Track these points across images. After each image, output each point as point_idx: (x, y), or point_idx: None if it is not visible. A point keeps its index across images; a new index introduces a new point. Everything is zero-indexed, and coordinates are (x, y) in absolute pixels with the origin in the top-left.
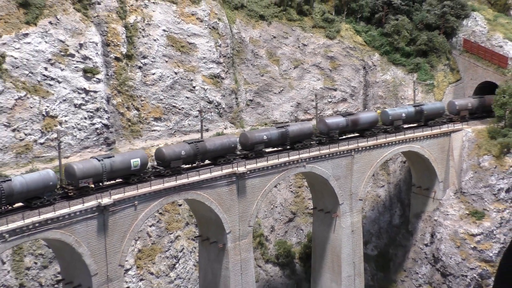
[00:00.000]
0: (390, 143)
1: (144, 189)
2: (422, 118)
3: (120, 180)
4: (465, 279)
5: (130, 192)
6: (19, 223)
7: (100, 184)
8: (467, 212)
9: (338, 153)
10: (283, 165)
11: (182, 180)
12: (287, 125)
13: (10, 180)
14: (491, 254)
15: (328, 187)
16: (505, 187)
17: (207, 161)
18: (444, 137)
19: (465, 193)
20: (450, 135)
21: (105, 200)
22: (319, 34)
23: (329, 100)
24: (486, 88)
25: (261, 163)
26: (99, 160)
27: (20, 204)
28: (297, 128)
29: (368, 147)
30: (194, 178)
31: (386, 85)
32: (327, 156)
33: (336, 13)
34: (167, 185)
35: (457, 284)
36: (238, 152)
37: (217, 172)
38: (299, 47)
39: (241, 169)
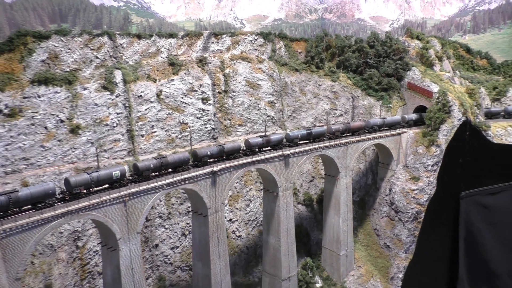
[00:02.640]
0: (367, 139)
1: (235, 162)
2: (311, 137)
3: (106, 185)
4: (408, 213)
5: (228, 164)
6: (171, 180)
7: (90, 189)
8: (410, 177)
9: (339, 144)
10: (309, 150)
11: (255, 158)
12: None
13: (18, 191)
14: (422, 201)
15: (333, 163)
16: (431, 163)
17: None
18: (397, 136)
19: (409, 167)
20: (400, 135)
21: (215, 168)
22: (328, 79)
23: (333, 115)
24: (420, 109)
25: (298, 149)
26: (88, 174)
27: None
28: (230, 146)
29: (355, 141)
30: (261, 156)
31: (364, 107)
32: (333, 145)
33: (337, 67)
34: (249, 160)
35: (404, 217)
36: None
37: (275, 153)
38: (316, 86)
39: (286, 152)
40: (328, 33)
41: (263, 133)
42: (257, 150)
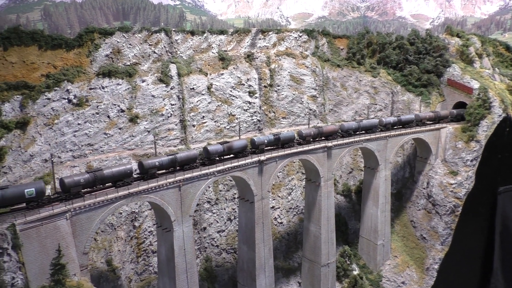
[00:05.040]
0: (407, 133)
1: (280, 153)
2: (280, 143)
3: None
4: (446, 207)
5: (275, 154)
6: (221, 167)
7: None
8: (448, 171)
9: (380, 138)
10: (351, 143)
11: (299, 149)
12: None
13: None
14: (460, 195)
15: (373, 155)
16: (470, 158)
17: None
18: (436, 130)
19: (447, 161)
20: (440, 130)
21: (262, 158)
22: (368, 74)
23: (373, 110)
24: (460, 105)
25: (340, 141)
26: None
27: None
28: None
29: (396, 135)
30: (304, 148)
31: (404, 102)
32: (374, 139)
33: (377, 63)
34: (293, 150)
35: (441, 210)
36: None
37: (318, 145)
38: (357, 81)
39: (329, 143)
40: (370, 31)
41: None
42: (307, 140)
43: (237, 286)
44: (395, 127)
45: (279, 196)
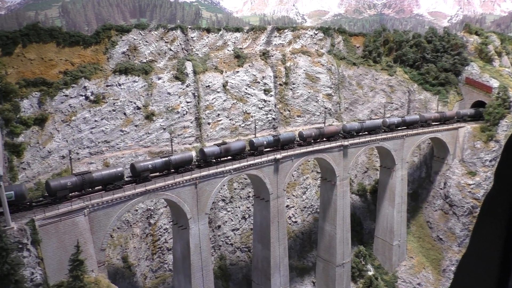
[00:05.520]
0: (424, 133)
1: (296, 151)
2: (279, 144)
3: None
4: (463, 208)
5: (290, 152)
6: (237, 165)
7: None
8: (466, 172)
9: (396, 137)
10: (367, 142)
11: (315, 147)
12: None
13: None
14: (479, 195)
15: (389, 154)
16: (489, 159)
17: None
18: (454, 130)
19: (465, 161)
20: (458, 129)
21: (278, 156)
22: (384, 73)
23: (389, 109)
24: (478, 104)
25: (356, 140)
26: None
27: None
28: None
29: (412, 134)
30: (320, 146)
31: (420, 101)
32: (390, 138)
33: (394, 62)
34: (309, 149)
35: (458, 210)
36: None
37: (334, 144)
38: (373, 80)
39: (345, 142)
40: (386, 28)
41: (320, 124)
42: (312, 141)
43: (252, 285)
44: (399, 128)
45: (293, 195)
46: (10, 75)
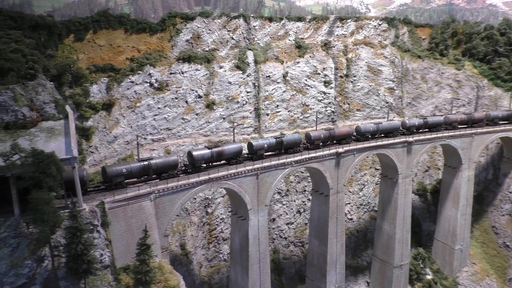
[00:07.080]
0: (495, 131)
1: (358, 146)
2: (282, 147)
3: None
4: None
5: (353, 146)
6: (299, 158)
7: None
8: None
9: (465, 135)
10: (433, 139)
11: (378, 142)
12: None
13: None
14: None
15: (456, 153)
16: None
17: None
18: None
19: None
20: None
21: (340, 150)
22: (451, 67)
23: (455, 105)
24: None
25: (422, 136)
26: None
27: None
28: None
29: (482, 132)
30: (382, 142)
31: (490, 98)
32: (458, 135)
33: (462, 55)
34: (373, 144)
35: None
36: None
37: (397, 139)
38: (439, 74)
39: (410, 138)
40: (456, 19)
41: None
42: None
43: (305, 281)
44: (420, 130)
45: (350, 191)
46: (81, 60)
